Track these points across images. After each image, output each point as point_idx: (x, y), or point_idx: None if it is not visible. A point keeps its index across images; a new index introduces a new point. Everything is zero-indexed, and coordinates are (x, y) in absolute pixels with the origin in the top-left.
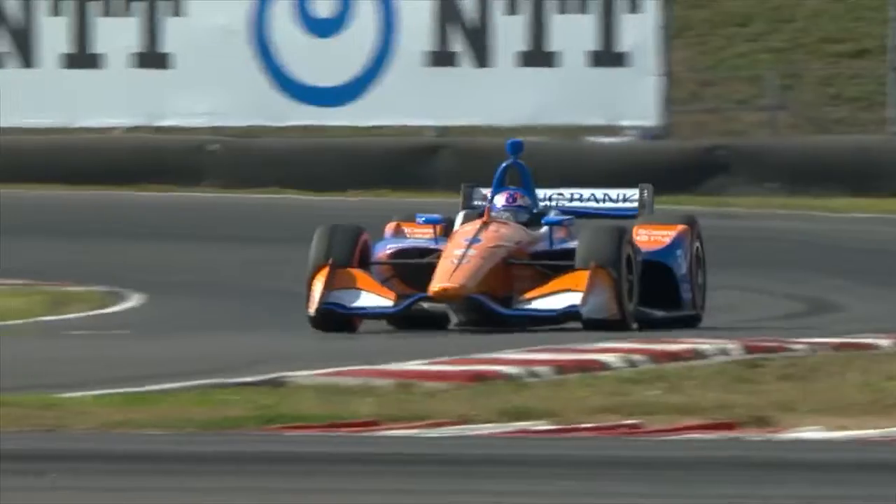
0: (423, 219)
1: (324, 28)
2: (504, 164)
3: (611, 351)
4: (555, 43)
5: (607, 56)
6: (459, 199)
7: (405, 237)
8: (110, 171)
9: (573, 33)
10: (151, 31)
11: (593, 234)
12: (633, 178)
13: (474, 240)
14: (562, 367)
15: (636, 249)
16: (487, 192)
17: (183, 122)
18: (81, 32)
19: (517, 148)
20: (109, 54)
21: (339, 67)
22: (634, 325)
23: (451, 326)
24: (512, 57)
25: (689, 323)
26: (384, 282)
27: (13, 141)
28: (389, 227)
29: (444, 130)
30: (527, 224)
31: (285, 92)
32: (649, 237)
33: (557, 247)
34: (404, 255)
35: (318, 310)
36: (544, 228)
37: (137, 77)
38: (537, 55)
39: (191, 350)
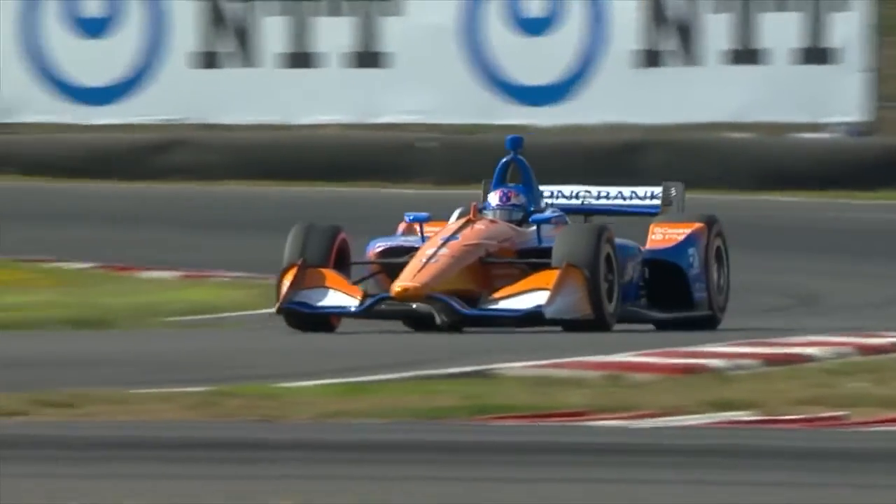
0: (411, 217)
1: (534, 27)
2: (504, 161)
3: (816, 344)
4: (762, 40)
5: (815, 53)
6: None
7: (417, 235)
8: (325, 167)
9: (781, 31)
10: (368, 30)
11: (570, 234)
12: (838, 175)
13: (451, 238)
14: (767, 360)
15: (637, 249)
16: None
17: (396, 120)
18: (299, 32)
19: (517, 144)
20: (326, 54)
21: (549, 66)
22: (644, 323)
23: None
24: (720, 55)
25: (704, 324)
26: (372, 278)
27: (234, 138)
28: (402, 225)
29: (651, 128)
30: (520, 223)
31: (496, 90)
32: (664, 235)
33: (546, 245)
34: (392, 253)
35: (279, 309)
36: (534, 226)
37: (353, 76)
38: (745, 53)
39: (406, 341)
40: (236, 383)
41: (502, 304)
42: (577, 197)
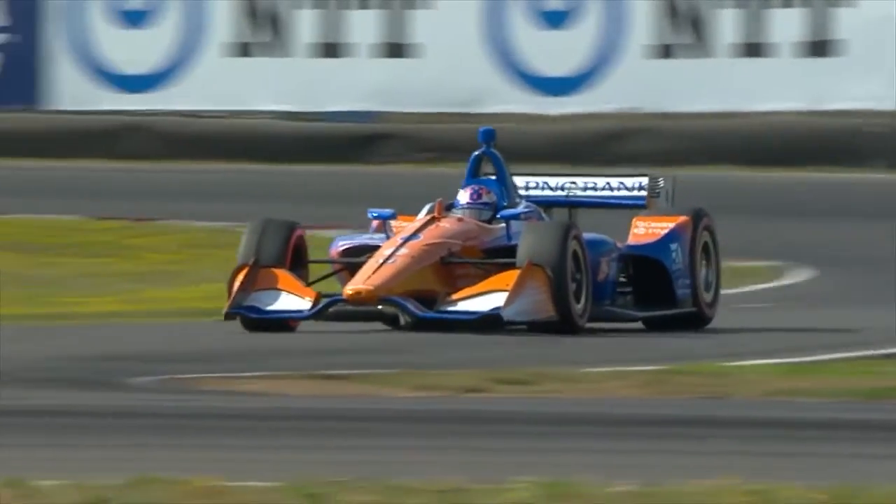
0: (375, 214)
1: None
2: (476, 154)
3: None
4: None
5: None
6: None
7: (384, 233)
8: (779, 152)
9: None
10: (820, 19)
11: (535, 232)
12: None
13: (411, 237)
14: None
15: (613, 244)
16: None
17: (847, 107)
18: (752, 23)
19: (489, 136)
20: (779, 44)
21: None
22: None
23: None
24: None
25: (690, 323)
26: (337, 277)
27: (689, 126)
28: (376, 221)
29: None
30: (490, 220)
31: None
32: (646, 230)
33: (516, 242)
34: (355, 252)
35: (226, 313)
36: (503, 223)
37: (805, 64)
38: None
39: (849, 322)
40: (686, 363)
41: (460, 307)
42: (562, 189)
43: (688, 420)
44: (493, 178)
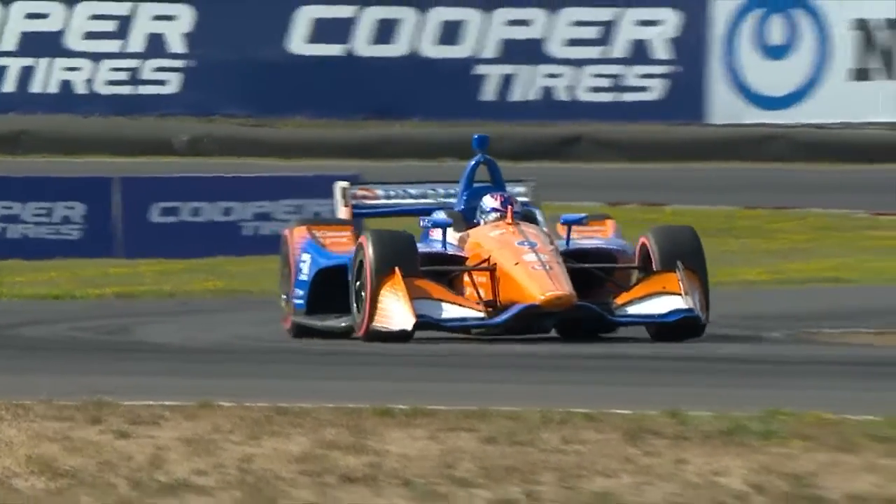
0: (431, 222)
1: None
2: (475, 162)
3: None
4: None
5: None
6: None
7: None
8: None
9: None
10: None
11: (668, 234)
12: None
13: (529, 243)
14: None
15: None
16: (360, 190)
17: None
18: None
19: (484, 143)
20: None
21: None
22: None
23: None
24: None
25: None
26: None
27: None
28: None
29: None
30: None
31: None
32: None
33: (573, 248)
34: (434, 261)
35: (416, 324)
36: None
37: None
38: None
39: None
40: None
41: (632, 310)
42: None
43: None
44: (490, 185)
